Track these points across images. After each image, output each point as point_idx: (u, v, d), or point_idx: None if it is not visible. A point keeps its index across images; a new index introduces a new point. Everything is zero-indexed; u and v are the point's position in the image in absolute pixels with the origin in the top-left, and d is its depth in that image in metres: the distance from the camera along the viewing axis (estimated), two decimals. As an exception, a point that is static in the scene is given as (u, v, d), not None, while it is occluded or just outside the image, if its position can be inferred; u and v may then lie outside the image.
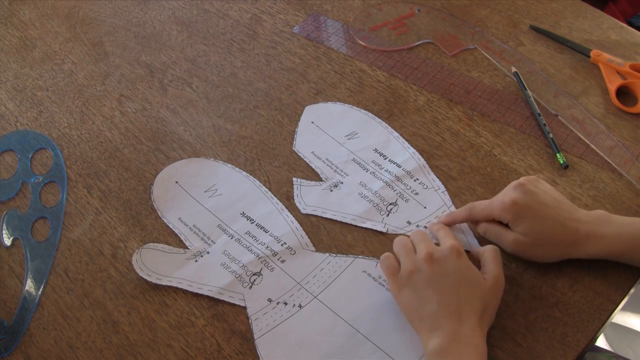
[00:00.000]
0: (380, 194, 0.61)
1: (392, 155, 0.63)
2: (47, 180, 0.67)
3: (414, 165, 0.62)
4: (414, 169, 0.62)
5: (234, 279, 0.57)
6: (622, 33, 0.75)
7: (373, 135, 0.66)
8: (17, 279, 0.60)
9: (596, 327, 0.52)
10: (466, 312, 0.47)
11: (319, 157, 0.65)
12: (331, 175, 0.63)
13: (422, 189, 0.61)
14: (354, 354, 0.51)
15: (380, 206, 0.60)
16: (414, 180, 0.61)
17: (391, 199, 0.60)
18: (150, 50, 0.79)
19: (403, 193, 0.60)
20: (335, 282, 0.56)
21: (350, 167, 0.63)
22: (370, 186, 0.61)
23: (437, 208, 0.59)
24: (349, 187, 0.62)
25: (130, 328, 0.56)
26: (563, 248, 0.52)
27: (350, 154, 0.64)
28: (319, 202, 0.61)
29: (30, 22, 0.85)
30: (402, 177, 0.61)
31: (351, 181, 0.62)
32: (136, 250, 0.59)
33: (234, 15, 0.82)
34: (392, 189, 0.61)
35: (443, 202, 0.59)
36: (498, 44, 0.75)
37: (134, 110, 0.73)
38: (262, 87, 0.73)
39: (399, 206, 0.60)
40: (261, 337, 0.53)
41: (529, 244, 0.52)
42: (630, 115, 0.66)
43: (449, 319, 0.47)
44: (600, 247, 0.51)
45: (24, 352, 0.55)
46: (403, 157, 0.63)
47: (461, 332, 0.46)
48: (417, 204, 0.60)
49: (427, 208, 0.59)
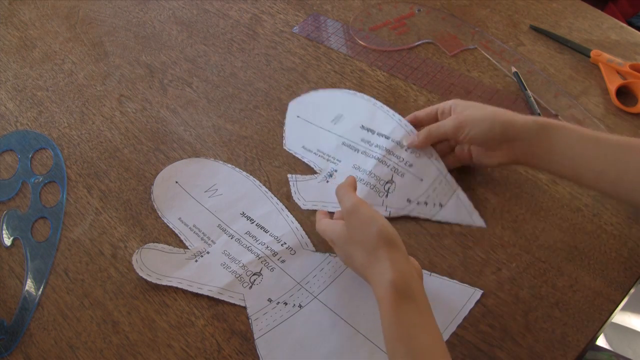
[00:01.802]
0: (375, 173, 0.60)
1: (379, 128, 0.62)
2: (47, 180, 0.67)
3: (402, 133, 0.61)
4: (403, 136, 0.61)
5: (234, 279, 0.57)
6: (622, 33, 0.75)
7: (358, 113, 0.65)
8: (17, 279, 0.60)
9: (596, 327, 0.52)
10: (363, 266, 0.47)
11: (310, 149, 0.64)
12: (324, 166, 0.62)
13: (415, 158, 0.60)
14: (354, 354, 0.51)
15: (377, 187, 0.59)
16: (405, 150, 0.60)
17: (386, 176, 0.59)
18: (150, 50, 0.79)
19: (397, 167, 0.59)
20: (335, 282, 0.56)
21: (341, 152, 0.63)
22: (364, 167, 0.60)
23: (433, 179, 0.58)
24: (344, 173, 0.61)
25: (130, 328, 0.56)
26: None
27: (338, 138, 0.64)
28: (318, 195, 0.61)
29: (30, 22, 0.85)
30: (392, 149, 0.60)
31: (345, 167, 0.61)
32: (136, 250, 0.59)
33: (234, 15, 0.82)
34: (386, 164, 0.60)
35: (439, 171, 0.59)
36: (498, 44, 0.75)
37: (134, 110, 0.73)
38: (262, 87, 0.73)
39: (395, 183, 0.59)
40: (261, 337, 0.53)
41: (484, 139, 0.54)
42: (630, 115, 0.66)
43: (366, 276, 0.47)
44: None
45: (24, 352, 0.55)
46: (390, 127, 0.62)
47: (374, 286, 0.45)
48: (413, 177, 0.59)
49: (423, 180, 0.59)
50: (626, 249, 0.56)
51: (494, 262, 0.56)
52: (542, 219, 0.59)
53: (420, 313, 0.43)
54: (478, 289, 0.54)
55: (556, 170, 0.53)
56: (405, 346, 0.41)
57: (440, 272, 0.56)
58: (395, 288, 0.42)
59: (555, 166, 0.52)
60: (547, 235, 0.58)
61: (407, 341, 0.41)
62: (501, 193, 0.61)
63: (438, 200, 0.58)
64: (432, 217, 0.58)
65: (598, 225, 0.58)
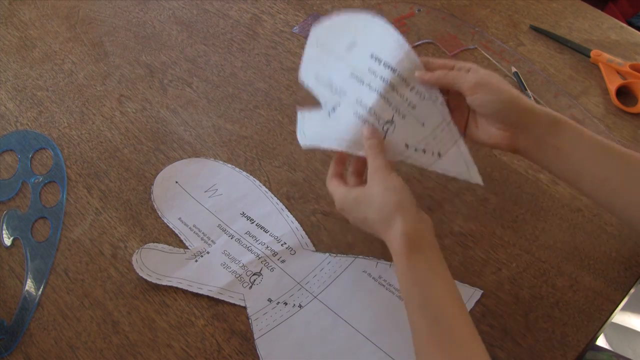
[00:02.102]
0: (375, 111, 0.54)
1: (387, 57, 0.55)
2: (47, 180, 0.67)
3: (409, 68, 0.54)
4: (410, 73, 0.54)
5: (234, 279, 0.57)
6: (622, 33, 0.75)
7: (372, 39, 0.57)
8: (17, 279, 0.60)
9: (596, 327, 0.52)
10: (378, 230, 0.48)
11: (322, 81, 0.58)
12: (330, 98, 0.57)
13: (419, 99, 0.54)
14: (354, 354, 0.51)
15: (376, 126, 0.54)
16: (411, 89, 0.54)
17: (387, 115, 0.54)
18: (150, 50, 0.79)
19: (399, 107, 0.54)
20: (335, 282, 0.56)
21: (348, 85, 0.57)
22: (366, 101, 0.55)
23: (435, 125, 0.54)
24: (346, 107, 0.56)
25: (130, 328, 0.56)
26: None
27: (348, 68, 0.57)
28: (319, 132, 0.57)
29: (30, 22, 0.85)
30: (397, 85, 0.54)
31: (349, 100, 0.56)
32: (136, 250, 0.59)
33: (234, 15, 0.82)
34: (388, 102, 0.54)
35: (442, 117, 0.54)
36: (498, 44, 0.75)
37: (134, 110, 0.73)
38: (262, 87, 0.73)
39: (395, 125, 0.54)
40: (261, 337, 0.53)
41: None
42: (630, 115, 0.66)
43: (382, 236, 0.48)
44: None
45: (24, 352, 0.55)
46: (398, 57, 0.54)
47: (389, 243, 0.47)
48: (415, 120, 0.54)
49: (425, 125, 0.54)
50: (626, 249, 0.56)
51: (494, 262, 0.56)
52: (542, 219, 0.59)
53: (432, 262, 0.45)
54: (478, 289, 0.54)
55: (557, 170, 0.51)
56: (420, 293, 0.43)
57: (440, 272, 0.55)
58: (408, 239, 0.45)
59: (557, 165, 0.50)
60: (547, 235, 0.58)
61: (421, 288, 0.43)
62: (501, 193, 0.61)
63: (437, 149, 0.54)
64: (428, 166, 0.54)
65: (598, 225, 0.58)
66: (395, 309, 0.53)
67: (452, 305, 0.43)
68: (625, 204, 0.48)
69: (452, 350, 0.42)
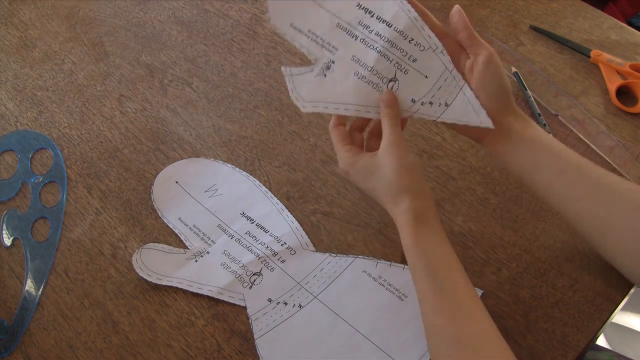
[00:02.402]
0: (377, 69, 0.53)
1: (379, 10, 0.52)
2: (47, 180, 0.67)
3: (405, 20, 0.52)
4: (406, 25, 0.52)
5: (234, 279, 0.57)
6: (622, 33, 0.75)
7: None
8: (17, 279, 0.60)
9: (596, 327, 0.52)
10: (384, 202, 0.50)
11: (301, 30, 0.53)
12: (319, 54, 0.54)
13: (419, 51, 0.52)
14: (354, 354, 0.51)
15: (380, 86, 0.53)
16: (409, 41, 0.52)
17: (389, 73, 0.53)
18: (150, 50, 0.79)
19: (400, 62, 0.53)
20: (335, 282, 0.56)
21: (337, 38, 0.53)
22: (365, 61, 0.53)
23: (439, 75, 0.52)
24: (342, 67, 0.53)
25: (130, 328, 0.56)
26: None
27: (332, 17, 0.53)
28: (317, 94, 0.54)
29: (30, 22, 0.85)
30: (395, 40, 0.52)
31: (343, 58, 0.53)
32: (136, 250, 0.59)
33: (234, 15, 0.82)
34: (388, 59, 0.53)
35: (444, 67, 0.52)
36: (498, 44, 0.75)
37: (134, 110, 0.73)
38: (262, 87, 0.73)
39: (399, 81, 0.53)
40: (261, 337, 0.53)
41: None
42: (630, 115, 0.66)
43: (387, 207, 0.50)
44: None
45: (24, 352, 0.55)
46: (392, 11, 0.52)
47: (395, 217, 0.49)
48: (417, 73, 0.53)
49: (428, 77, 0.52)
50: (626, 249, 0.56)
51: (494, 262, 0.56)
52: (542, 219, 0.59)
53: (435, 235, 0.48)
54: (478, 289, 0.54)
55: (524, 179, 0.52)
56: (426, 265, 0.46)
57: (440, 272, 0.56)
58: (415, 214, 0.47)
59: (530, 177, 0.51)
60: (547, 235, 0.58)
61: (427, 260, 0.46)
62: (501, 193, 0.61)
63: (444, 99, 0.53)
64: (437, 117, 0.53)
65: (598, 225, 0.58)
66: (395, 309, 0.53)
67: (456, 274, 0.46)
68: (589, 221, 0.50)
69: (458, 318, 0.44)
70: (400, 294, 0.54)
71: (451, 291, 0.45)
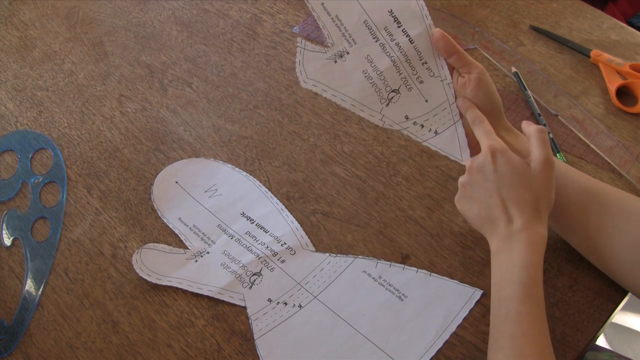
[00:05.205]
0: (385, 76, 0.54)
1: (406, 22, 0.53)
2: (47, 180, 0.67)
3: (426, 43, 0.53)
4: (426, 48, 0.53)
5: (234, 279, 0.57)
6: (622, 33, 0.75)
7: None
8: (17, 279, 0.60)
9: (596, 327, 0.52)
10: (515, 209, 0.47)
11: (329, 12, 0.54)
12: (338, 41, 0.55)
13: (428, 76, 0.54)
14: (354, 354, 0.51)
15: (382, 92, 0.55)
16: (423, 63, 0.54)
17: (395, 84, 0.54)
18: (150, 50, 0.79)
19: (408, 79, 0.54)
20: (335, 282, 0.56)
21: (359, 33, 0.54)
22: (377, 64, 0.54)
23: (438, 103, 0.54)
24: (355, 60, 0.55)
25: (130, 328, 0.56)
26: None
27: (362, 12, 0.54)
28: (321, 75, 0.55)
29: (30, 22, 0.85)
30: (411, 57, 0.54)
31: (358, 53, 0.55)
32: (136, 250, 0.59)
33: (234, 15, 0.82)
34: (399, 71, 0.54)
35: (446, 98, 0.54)
36: (498, 44, 0.75)
37: (134, 110, 0.73)
38: (262, 87, 0.73)
39: (400, 95, 0.54)
40: (261, 337, 0.53)
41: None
42: (630, 115, 0.66)
43: (499, 221, 0.48)
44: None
45: (24, 352, 0.55)
46: (418, 30, 0.53)
47: (512, 230, 0.47)
48: (419, 95, 0.54)
49: (428, 102, 0.54)
50: (626, 249, 0.56)
51: (494, 262, 0.56)
52: (542, 219, 0.59)
53: (538, 311, 0.45)
54: (478, 289, 0.54)
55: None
56: (536, 289, 0.45)
57: (440, 272, 0.56)
58: (522, 285, 0.45)
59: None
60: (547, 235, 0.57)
61: (538, 284, 0.45)
62: (501, 193, 0.61)
63: (435, 127, 0.55)
64: (423, 140, 0.55)
65: (598, 225, 0.58)
66: (395, 309, 0.53)
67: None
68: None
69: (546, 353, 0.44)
70: (400, 294, 0.54)
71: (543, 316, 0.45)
